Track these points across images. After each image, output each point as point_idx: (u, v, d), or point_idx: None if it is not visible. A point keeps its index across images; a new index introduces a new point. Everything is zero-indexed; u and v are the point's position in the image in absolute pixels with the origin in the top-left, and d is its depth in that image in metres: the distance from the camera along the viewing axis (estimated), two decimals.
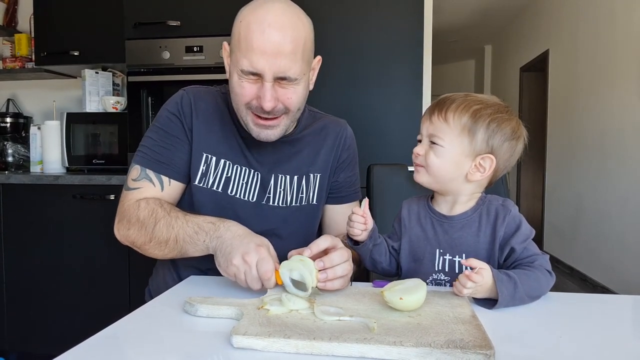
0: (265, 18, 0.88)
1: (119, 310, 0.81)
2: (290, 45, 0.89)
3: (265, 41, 0.87)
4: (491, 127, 0.87)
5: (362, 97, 2.02)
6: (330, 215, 1.19)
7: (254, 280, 0.79)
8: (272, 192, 1.07)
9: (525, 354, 0.60)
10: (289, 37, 0.89)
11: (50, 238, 2.15)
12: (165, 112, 1.05)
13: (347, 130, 1.18)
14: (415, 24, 1.98)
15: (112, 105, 2.41)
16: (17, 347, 2.22)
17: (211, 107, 1.06)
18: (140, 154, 1.04)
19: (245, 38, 0.89)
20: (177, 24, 2.07)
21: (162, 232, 0.94)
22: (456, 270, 0.90)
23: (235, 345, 0.60)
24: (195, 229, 0.91)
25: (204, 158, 1.03)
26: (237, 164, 1.05)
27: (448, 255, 0.91)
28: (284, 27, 0.89)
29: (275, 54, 0.88)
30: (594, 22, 3.90)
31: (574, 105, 4.25)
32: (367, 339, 0.60)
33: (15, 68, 2.58)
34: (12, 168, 2.53)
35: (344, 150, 1.16)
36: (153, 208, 0.97)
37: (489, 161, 0.88)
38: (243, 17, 0.91)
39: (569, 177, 4.39)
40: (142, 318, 0.74)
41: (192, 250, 0.92)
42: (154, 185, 1.02)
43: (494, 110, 0.88)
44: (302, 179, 1.10)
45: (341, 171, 1.16)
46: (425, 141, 0.91)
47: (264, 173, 1.07)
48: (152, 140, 1.04)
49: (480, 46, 7.38)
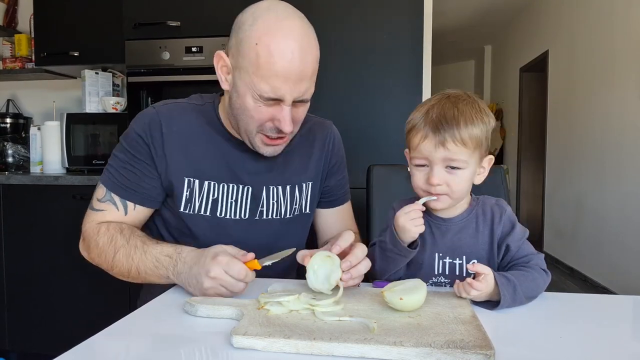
0: (288, 43, 0.85)
1: (119, 310, 0.81)
2: (310, 69, 0.89)
3: (290, 68, 0.85)
4: (486, 128, 0.87)
5: (362, 97, 2.01)
6: (324, 219, 1.17)
7: (234, 285, 0.78)
8: (264, 206, 1.04)
9: (525, 354, 0.60)
10: (309, 61, 0.88)
11: (50, 238, 2.15)
12: (132, 133, 0.99)
13: (334, 132, 1.16)
14: (415, 24, 1.98)
15: (112, 106, 2.41)
16: (17, 346, 2.22)
17: (187, 126, 1.00)
18: (107, 174, 1.00)
19: (267, 63, 0.85)
20: (177, 24, 2.07)
21: (122, 263, 0.92)
22: (457, 272, 0.90)
23: (235, 345, 0.60)
24: (155, 263, 0.89)
25: (186, 182, 0.99)
26: (223, 182, 1.00)
27: (448, 258, 0.91)
28: (305, 51, 0.87)
29: (299, 80, 0.87)
30: (593, 23, 3.91)
31: (574, 105, 4.25)
32: (367, 339, 0.60)
33: (15, 68, 2.58)
34: (12, 169, 2.53)
35: (334, 154, 1.14)
36: (112, 235, 0.94)
37: (487, 161, 0.90)
38: (259, 39, 0.85)
39: (569, 177, 4.39)
40: (142, 318, 0.74)
41: (156, 280, 0.91)
42: (117, 210, 0.99)
43: (478, 108, 0.87)
44: (295, 189, 1.07)
45: (332, 175, 1.14)
46: (439, 167, 0.86)
47: (255, 186, 1.03)
48: (119, 162, 0.99)
49: (480, 46, 7.38)
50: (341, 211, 1.18)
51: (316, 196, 1.12)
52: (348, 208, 1.21)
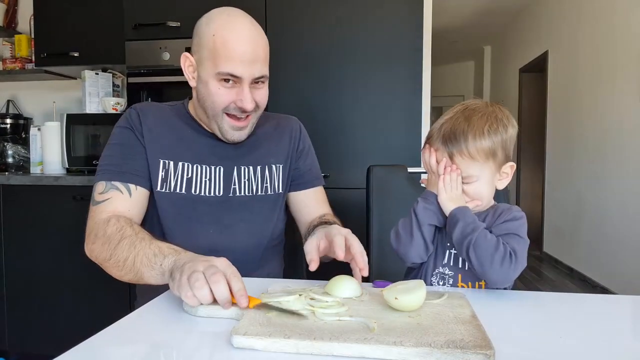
0: (239, 32, 1.01)
1: (119, 310, 0.81)
2: (262, 53, 1.03)
3: (244, 51, 1.00)
4: (501, 138, 0.91)
5: (361, 97, 2.02)
6: (299, 201, 1.24)
7: (221, 288, 0.70)
8: (237, 184, 1.13)
9: (525, 354, 0.60)
10: (259, 46, 1.03)
11: (50, 239, 2.15)
12: (117, 129, 1.10)
13: (299, 124, 1.29)
14: (415, 25, 1.98)
15: (112, 106, 2.41)
16: (17, 347, 2.22)
17: (159, 117, 1.12)
18: (102, 170, 1.05)
19: (224, 48, 0.99)
20: (177, 25, 2.07)
21: (124, 251, 0.91)
22: (459, 265, 0.93)
23: (235, 345, 0.60)
24: (156, 252, 0.87)
25: (161, 164, 1.07)
26: (197, 163, 1.10)
27: (454, 249, 0.94)
28: (255, 38, 1.02)
29: (253, 61, 1.01)
30: (593, 23, 3.91)
31: (574, 105, 4.26)
32: (367, 339, 0.60)
33: (15, 69, 2.58)
34: (12, 169, 2.53)
35: (300, 141, 1.25)
36: (122, 225, 0.95)
37: (509, 168, 0.95)
38: (215, 31, 1.01)
39: (568, 177, 4.39)
40: (141, 318, 0.74)
41: (147, 273, 0.87)
42: (122, 193, 1.03)
43: (493, 119, 0.91)
44: (265, 169, 1.17)
45: (299, 159, 1.24)
46: None
47: (226, 167, 1.12)
48: (110, 157, 1.07)
49: (479, 47, 7.39)
50: (315, 193, 1.26)
51: (287, 178, 1.21)
52: (321, 192, 1.28)
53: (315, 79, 2.00)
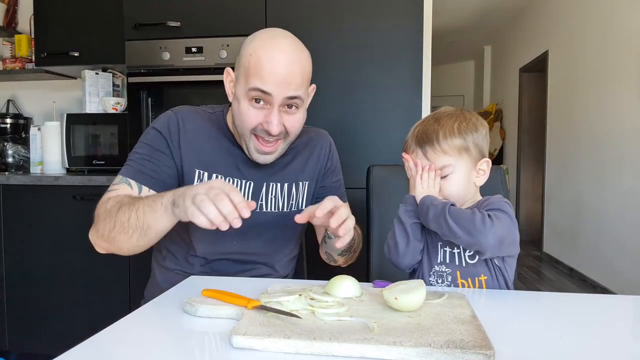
0: (276, 53, 0.97)
1: (119, 310, 0.81)
2: (298, 77, 0.99)
3: (276, 71, 0.97)
4: (472, 135, 0.95)
5: (362, 97, 2.01)
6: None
7: (225, 202, 0.78)
8: (264, 200, 1.14)
9: (525, 354, 0.60)
10: (296, 70, 0.99)
11: (50, 239, 2.15)
12: (152, 130, 1.10)
13: (329, 140, 1.28)
14: (415, 25, 1.98)
15: (112, 106, 2.41)
16: (17, 347, 2.22)
17: (199, 126, 1.11)
18: (126, 166, 1.07)
19: (256, 67, 0.97)
20: (177, 24, 2.07)
21: (124, 213, 0.94)
22: (456, 262, 0.95)
23: (235, 346, 0.60)
24: (154, 198, 0.93)
25: (196, 174, 1.09)
26: (229, 176, 1.10)
27: (448, 247, 0.96)
28: (292, 61, 0.99)
29: (285, 83, 0.98)
30: (593, 23, 3.91)
31: (574, 105, 4.26)
32: (367, 339, 0.60)
33: (15, 69, 2.58)
34: (12, 169, 2.53)
35: (329, 159, 1.25)
36: (121, 199, 0.99)
37: (485, 164, 0.98)
38: (253, 51, 0.99)
39: (568, 177, 4.39)
40: (142, 318, 0.74)
41: (152, 219, 0.91)
42: (131, 189, 1.04)
43: (462, 118, 0.96)
44: (292, 186, 1.17)
45: (327, 177, 1.24)
46: None
47: (256, 182, 1.13)
48: (138, 155, 1.08)
49: (479, 47, 7.38)
50: None
51: (312, 195, 1.21)
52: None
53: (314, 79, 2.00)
